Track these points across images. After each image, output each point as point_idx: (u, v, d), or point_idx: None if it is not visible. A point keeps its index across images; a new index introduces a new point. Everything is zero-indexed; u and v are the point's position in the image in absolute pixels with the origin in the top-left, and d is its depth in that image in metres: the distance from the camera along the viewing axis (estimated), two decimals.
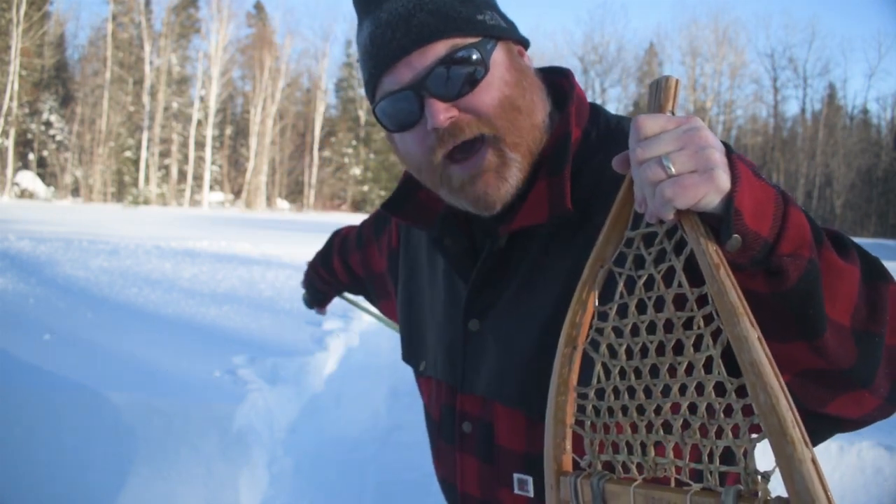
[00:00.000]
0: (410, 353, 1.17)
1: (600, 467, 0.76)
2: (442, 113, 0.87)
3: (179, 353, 3.59)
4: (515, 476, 0.94)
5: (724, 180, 0.64)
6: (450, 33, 0.88)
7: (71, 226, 14.49)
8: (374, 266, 1.39)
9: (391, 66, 0.89)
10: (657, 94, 0.71)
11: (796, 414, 0.58)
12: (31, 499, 2.67)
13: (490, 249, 0.97)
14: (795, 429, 0.57)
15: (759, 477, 0.62)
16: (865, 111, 53.19)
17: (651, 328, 0.72)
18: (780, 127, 51.20)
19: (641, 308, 0.73)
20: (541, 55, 51.87)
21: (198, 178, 44.34)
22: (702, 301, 0.66)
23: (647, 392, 0.72)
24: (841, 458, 2.84)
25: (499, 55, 0.92)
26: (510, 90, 0.91)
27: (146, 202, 38.73)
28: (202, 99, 43.71)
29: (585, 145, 0.95)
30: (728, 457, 0.66)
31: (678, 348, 0.70)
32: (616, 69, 50.88)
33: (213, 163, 45.25)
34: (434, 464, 1.14)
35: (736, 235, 0.64)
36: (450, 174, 0.92)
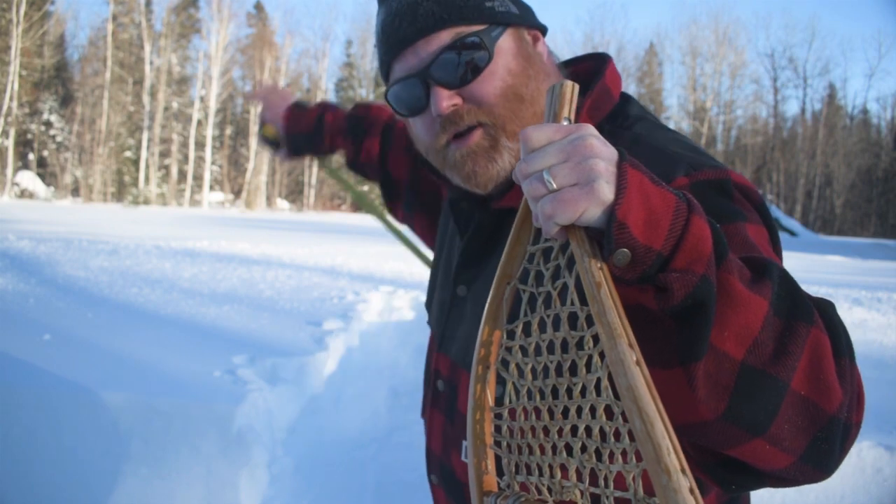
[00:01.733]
0: (427, 303, 1.23)
1: (517, 488, 0.75)
2: (445, 100, 0.90)
3: (179, 354, 3.59)
4: (464, 443, 0.98)
5: (605, 192, 0.60)
6: (455, 21, 0.90)
7: (71, 226, 14.49)
8: (393, 169, 1.47)
9: (400, 54, 0.93)
10: (552, 102, 0.67)
11: (674, 441, 0.55)
12: (31, 499, 2.67)
13: (478, 222, 1.01)
14: (671, 456, 0.54)
15: None
16: (865, 111, 53.23)
17: (551, 348, 0.70)
18: (780, 127, 51.20)
19: (542, 326, 0.71)
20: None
21: (198, 178, 44.34)
22: (592, 320, 0.63)
23: (551, 413, 0.70)
24: None
25: (506, 42, 0.93)
26: (513, 79, 0.92)
27: (146, 202, 38.74)
28: (202, 99, 43.71)
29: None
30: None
31: (574, 369, 0.67)
32: None
33: (213, 163, 45.25)
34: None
35: (624, 249, 0.60)
36: (446, 152, 0.96)
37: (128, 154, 42.05)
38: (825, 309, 0.69)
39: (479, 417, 0.77)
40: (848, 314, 6.45)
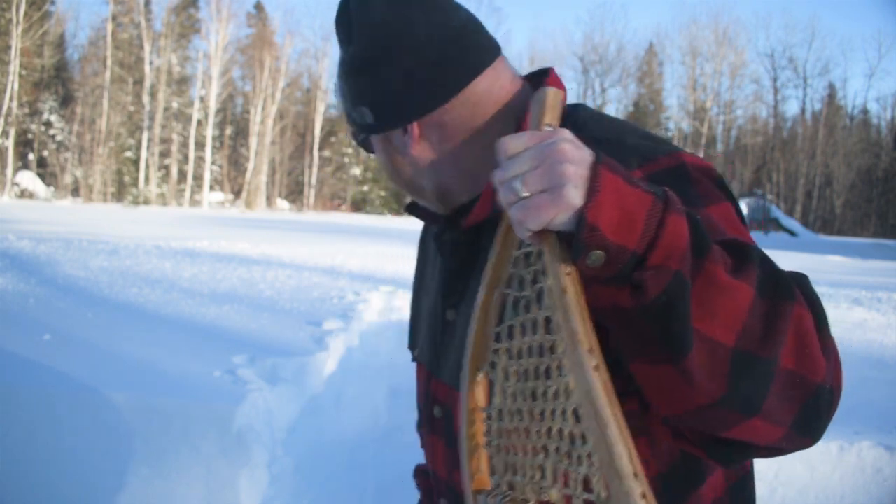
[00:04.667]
0: (411, 341, 1.24)
1: (505, 488, 0.76)
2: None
3: (179, 353, 3.59)
4: None
5: (573, 196, 0.61)
6: (355, 134, 1.07)
7: (71, 226, 14.49)
8: None
9: (455, 95, 1.01)
10: (536, 110, 0.68)
11: (628, 445, 0.56)
12: (31, 499, 2.67)
13: (452, 243, 1.01)
14: (622, 461, 0.55)
15: None
16: (865, 111, 53.27)
17: (530, 351, 0.71)
18: (780, 127, 51.20)
19: (524, 330, 0.72)
20: (541, 55, 51.86)
21: (198, 178, 44.33)
22: None
23: (531, 415, 0.71)
24: (841, 458, 2.84)
25: (377, 143, 1.02)
26: (391, 174, 1.05)
27: (146, 202, 38.74)
28: (202, 99, 43.69)
29: None
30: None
31: (549, 372, 0.68)
32: (616, 69, 50.88)
33: (213, 163, 45.23)
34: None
35: (598, 251, 0.61)
36: None
37: (128, 154, 42.04)
38: (803, 283, 0.71)
39: (471, 418, 0.79)
40: (848, 314, 6.44)
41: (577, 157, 0.62)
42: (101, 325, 4.23)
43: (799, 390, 0.67)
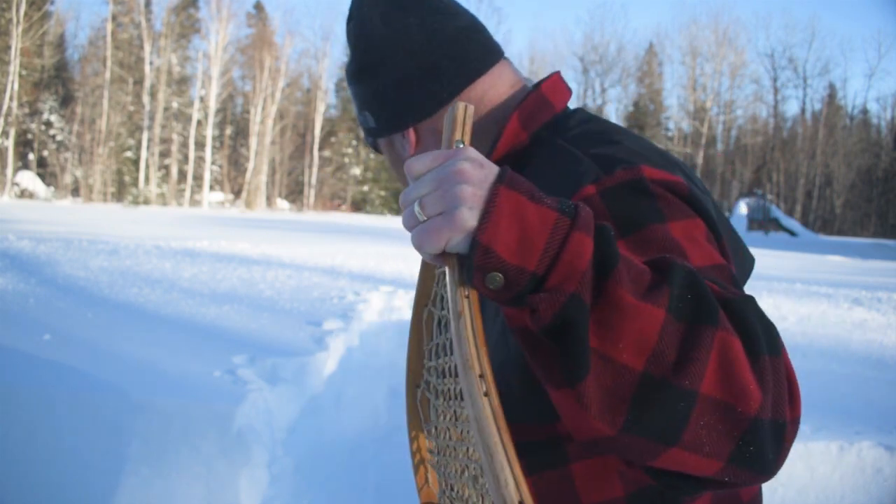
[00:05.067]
0: None
1: (447, 502, 0.76)
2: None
3: (179, 353, 3.59)
4: None
5: (466, 218, 0.59)
6: (368, 138, 1.06)
7: (71, 226, 14.49)
8: None
9: (461, 92, 1.03)
10: (447, 126, 0.66)
11: (515, 473, 0.55)
12: (31, 499, 2.67)
13: None
14: (508, 489, 0.54)
15: None
16: (865, 111, 53.26)
17: (451, 371, 0.69)
18: (780, 127, 51.19)
19: (445, 350, 0.71)
20: (541, 55, 51.84)
21: (198, 178, 44.34)
22: None
23: (457, 436, 0.71)
24: (841, 458, 2.84)
25: (383, 144, 1.05)
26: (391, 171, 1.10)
27: (146, 202, 38.74)
28: (202, 99, 43.70)
29: (529, 150, 0.95)
30: None
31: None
32: (616, 69, 50.87)
33: (213, 163, 45.24)
34: None
35: (496, 273, 0.59)
36: None
37: (128, 154, 42.04)
38: (738, 307, 0.66)
39: (413, 434, 0.79)
40: (848, 314, 6.44)
41: (475, 177, 0.61)
42: (101, 325, 4.23)
43: (730, 422, 0.62)
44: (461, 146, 0.65)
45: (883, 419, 3.18)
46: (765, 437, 0.63)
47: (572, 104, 1.03)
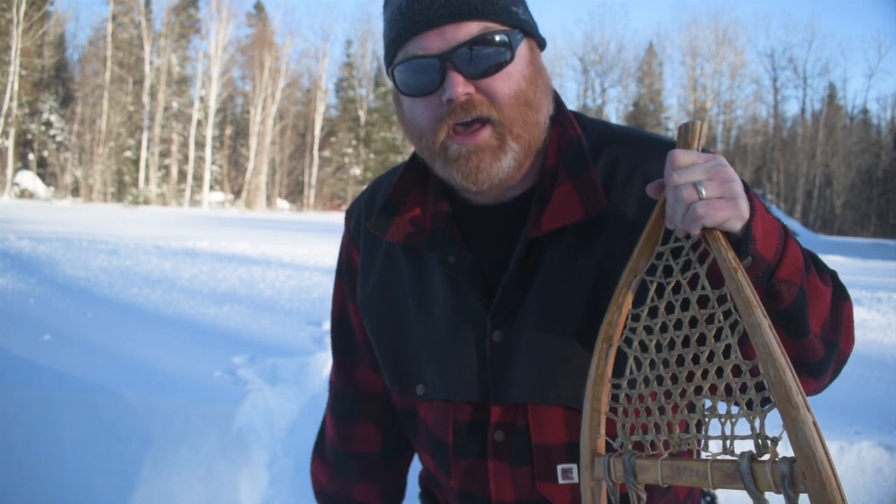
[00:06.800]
0: (404, 381, 1.10)
1: (630, 447, 0.88)
2: (461, 87, 0.91)
3: (180, 353, 3.59)
4: (560, 467, 1.00)
5: (745, 208, 0.79)
6: (486, 16, 0.92)
7: (71, 226, 14.49)
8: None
9: (422, 34, 0.93)
10: (685, 135, 0.85)
11: (799, 384, 0.69)
12: (31, 499, 2.67)
13: (519, 257, 0.98)
14: (798, 396, 0.68)
15: (769, 441, 0.72)
16: (865, 111, 53.21)
17: (678, 325, 0.86)
18: (780, 127, 51.19)
19: (670, 309, 0.87)
20: (541, 54, 51.63)
21: (198, 178, 44.32)
22: (720, 301, 0.80)
23: (674, 379, 0.85)
24: (841, 458, 2.84)
25: (523, 49, 0.97)
26: (527, 85, 0.96)
27: (146, 202, 38.71)
28: (202, 99, 43.68)
29: (587, 147, 1.01)
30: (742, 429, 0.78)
31: (701, 340, 0.83)
32: (616, 69, 50.83)
33: (213, 163, 45.23)
34: (445, 479, 1.10)
35: (749, 257, 0.78)
36: (447, 145, 0.95)
37: (128, 154, 42.02)
38: (838, 277, 0.95)
39: (596, 388, 0.90)
40: None
41: (737, 178, 0.80)
42: (101, 325, 4.23)
43: (842, 361, 0.95)
44: (711, 151, 0.83)
45: (883, 419, 3.18)
46: (843, 367, 0.98)
47: (572, 105, 1.05)
